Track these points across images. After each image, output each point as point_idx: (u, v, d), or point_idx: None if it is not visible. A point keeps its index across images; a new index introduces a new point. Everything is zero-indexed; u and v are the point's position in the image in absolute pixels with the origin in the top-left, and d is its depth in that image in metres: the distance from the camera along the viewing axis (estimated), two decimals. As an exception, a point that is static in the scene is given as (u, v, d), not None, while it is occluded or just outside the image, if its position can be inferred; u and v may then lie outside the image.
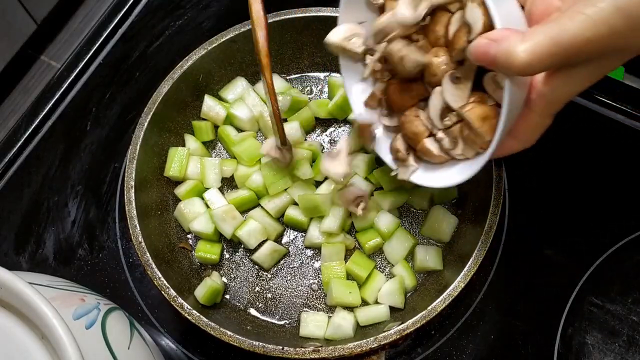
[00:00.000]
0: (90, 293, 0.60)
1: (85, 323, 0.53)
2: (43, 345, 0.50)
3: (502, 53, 0.49)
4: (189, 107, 0.85)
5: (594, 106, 0.88)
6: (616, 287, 0.78)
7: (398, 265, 0.78)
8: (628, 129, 0.87)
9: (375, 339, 0.68)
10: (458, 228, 0.79)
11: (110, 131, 0.91)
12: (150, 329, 0.79)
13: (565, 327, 0.77)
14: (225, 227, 0.78)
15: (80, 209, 0.86)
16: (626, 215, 0.82)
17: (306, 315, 0.76)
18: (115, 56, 0.95)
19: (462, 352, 0.77)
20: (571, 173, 0.85)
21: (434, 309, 0.69)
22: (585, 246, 0.81)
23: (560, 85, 0.52)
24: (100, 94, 0.93)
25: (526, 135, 0.57)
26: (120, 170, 0.88)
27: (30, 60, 2.10)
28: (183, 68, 0.81)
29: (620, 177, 0.84)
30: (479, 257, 0.70)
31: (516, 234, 0.82)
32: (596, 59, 0.49)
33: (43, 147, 0.90)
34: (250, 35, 0.83)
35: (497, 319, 0.78)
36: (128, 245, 0.84)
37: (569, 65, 0.50)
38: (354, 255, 0.78)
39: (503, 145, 0.57)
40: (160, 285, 0.71)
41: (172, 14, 0.98)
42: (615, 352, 0.75)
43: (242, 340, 0.68)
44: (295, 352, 0.68)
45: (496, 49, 0.49)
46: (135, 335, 0.58)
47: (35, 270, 0.82)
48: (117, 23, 0.97)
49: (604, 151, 0.86)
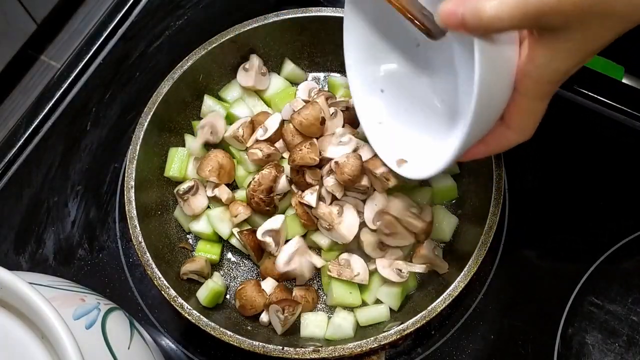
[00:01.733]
0: (90, 293, 0.60)
1: (85, 323, 0.53)
2: (43, 346, 0.50)
3: (470, 10, 0.48)
4: (189, 107, 0.85)
5: (594, 106, 0.88)
6: (616, 287, 0.78)
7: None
8: (628, 129, 0.87)
9: (375, 339, 0.68)
10: (458, 228, 0.79)
11: (110, 131, 0.91)
12: (150, 329, 0.79)
13: (565, 327, 0.77)
14: (222, 228, 0.78)
15: (80, 209, 0.86)
16: (626, 215, 0.82)
17: (306, 315, 0.76)
18: (116, 56, 0.95)
19: (462, 352, 0.77)
20: (571, 173, 0.85)
21: (434, 309, 0.69)
22: (585, 246, 0.81)
23: (545, 61, 0.50)
24: (100, 94, 0.93)
25: (520, 123, 0.55)
26: (120, 171, 0.88)
27: (30, 60, 2.10)
28: (183, 68, 0.81)
29: (620, 177, 0.84)
30: (479, 257, 0.70)
31: (516, 234, 0.82)
32: (577, 27, 0.47)
33: (43, 147, 0.90)
34: (250, 35, 0.83)
35: (497, 319, 0.78)
36: (128, 246, 0.84)
37: (547, 30, 0.48)
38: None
39: (500, 137, 0.56)
40: (160, 285, 0.71)
41: (172, 14, 0.98)
42: (615, 352, 0.75)
43: (242, 340, 0.68)
44: (296, 352, 0.68)
45: (464, 8, 0.48)
46: (135, 335, 0.58)
47: (35, 270, 0.82)
48: (117, 23, 0.97)
49: (604, 151, 0.86)
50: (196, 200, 0.78)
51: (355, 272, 0.74)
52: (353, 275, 0.74)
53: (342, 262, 0.75)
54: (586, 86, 0.88)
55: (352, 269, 0.74)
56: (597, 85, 0.88)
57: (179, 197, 0.79)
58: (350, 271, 0.74)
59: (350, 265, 0.74)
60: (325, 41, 0.86)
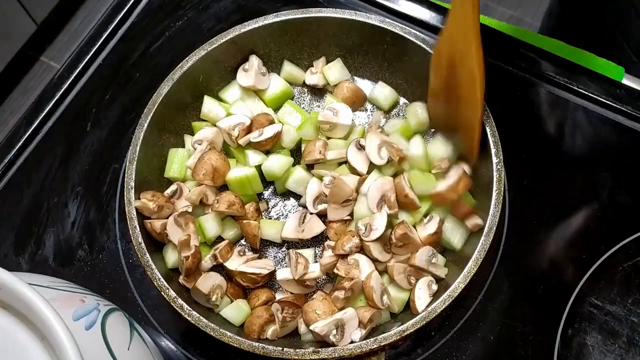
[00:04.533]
0: (90, 294, 0.60)
1: (85, 324, 0.53)
2: (43, 346, 0.50)
3: None
4: (189, 108, 0.85)
5: (594, 107, 0.88)
6: (616, 288, 0.78)
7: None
8: (628, 129, 0.87)
9: (375, 339, 0.68)
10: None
11: (110, 132, 0.91)
12: (150, 329, 0.79)
13: (565, 328, 0.77)
14: (210, 227, 0.79)
15: (80, 209, 0.86)
16: (626, 216, 0.82)
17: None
18: (115, 57, 0.95)
19: (462, 353, 0.77)
20: (571, 173, 0.85)
21: (434, 310, 0.69)
22: (585, 247, 0.81)
23: None
24: (100, 95, 0.93)
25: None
26: (120, 171, 0.88)
27: (30, 61, 2.10)
28: (183, 69, 0.81)
29: (620, 178, 0.84)
30: (479, 258, 0.70)
31: (516, 235, 0.82)
32: None
33: (43, 148, 0.90)
34: (250, 36, 0.83)
35: (497, 320, 0.78)
36: (128, 246, 0.84)
37: None
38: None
39: None
40: (160, 286, 0.71)
41: (172, 15, 0.98)
42: (615, 353, 0.75)
43: (242, 341, 0.68)
44: (295, 352, 0.67)
45: None
46: (135, 336, 0.58)
47: (35, 271, 0.82)
48: (117, 24, 0.97)
49: (604, 151, 0.86)
50: (182, 203, 0.79)
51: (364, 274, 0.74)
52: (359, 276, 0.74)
53: (351, 262, 0.74)
54: (586, 86, 0.88)
55: (360, 270, 0.74)
56: (597, 86, 0.88)
57: (168, 202, 0.79)
58: (358, 272, 0.74)
59: (358, 266, 0.74)
60: (325, 42, 0.86)
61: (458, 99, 0.75)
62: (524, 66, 0.90)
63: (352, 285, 0.72)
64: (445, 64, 0.74)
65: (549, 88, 0.89)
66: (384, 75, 0.88)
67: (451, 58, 0.73)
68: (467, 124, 0.74)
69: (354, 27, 0.83)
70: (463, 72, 0.71)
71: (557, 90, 0.89)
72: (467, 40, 0.68)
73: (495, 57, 0.90)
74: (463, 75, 0.72)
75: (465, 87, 0.72)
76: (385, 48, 0.84)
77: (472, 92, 0.71)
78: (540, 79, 0.89)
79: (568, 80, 0.89)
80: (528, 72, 0.90)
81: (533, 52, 0.91)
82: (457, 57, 0.72)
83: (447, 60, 0.74)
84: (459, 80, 0.73)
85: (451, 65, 0.73)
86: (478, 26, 0.68)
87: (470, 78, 0.71)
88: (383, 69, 0.87)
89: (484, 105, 0.73)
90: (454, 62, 0.72)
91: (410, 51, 0.81)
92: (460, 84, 0.73)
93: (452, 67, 0.73)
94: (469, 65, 0.70)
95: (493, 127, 0.75)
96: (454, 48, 0.71)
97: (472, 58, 0.69)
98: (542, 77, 0.89)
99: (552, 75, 0.89)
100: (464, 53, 0.70)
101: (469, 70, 0.70)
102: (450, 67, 0.73)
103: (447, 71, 0.74)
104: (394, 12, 0.94)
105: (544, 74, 0.89)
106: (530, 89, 0.89)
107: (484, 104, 0.73)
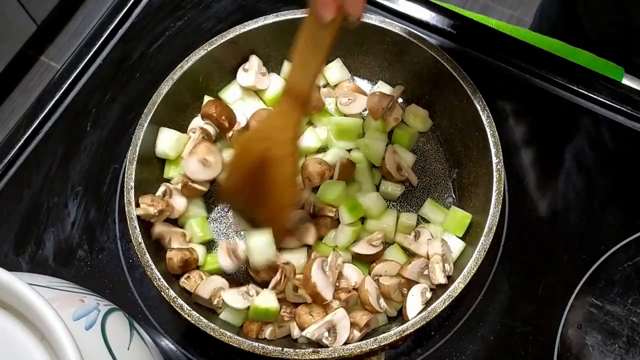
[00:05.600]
0: (90, 294, 0.60)
1: (85, 324, 0.53)
2: (43, 346, 0.50)
3: None
4: (189, 108, 0.85)
5: (593, 107, 0.88)
6: (616, 288, 0.78)
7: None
8: (628, 130, 0.87)
9: (375, 339, 0.68)
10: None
11: (111, 132, 0.91)
12: (150, 329, 0.79)
13: (565, 328, 0.77)
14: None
15: (80, 209, 0.86)
16: (626, 216, 0.82)
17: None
18: (116, 57, 0.95)
19: (462, 353, 0.77)
20: (571, 173, 0.85)
21: (433, 310, 0.69)
22: (585, 247, 0.81)
23: None
24: (100, 94, 0.93)
25: None
26: (120, 171, 0.88)
27: (30, 61, 2.11)
28: (183, 69, 0.81)
29: (620, 178, 0.84)
30: (479, 258, 0.70)
31: (516, 235, 0.82)
32: None
33: (43, 148, 0.90)
34: (250, 36, 0.83)
35: (497, 320, 0.78)
36: (128, 246, 0.84)
37: None
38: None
39: None
40: (160, 286, 0.71)
41: (172, 15, 0.98)
42: (615, 353, 0.75)
43: (242, 341, 0.68)
44: (295, 352, 0.67)
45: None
46: (135, 336, 0.58)
47: (35, 271, 0.82)
48: (117, 24, 0.97)
49: (604, 151, 0.86)
50: (175, 202, 0.79)
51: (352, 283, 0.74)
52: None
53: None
54: (586, 86, 0.88)
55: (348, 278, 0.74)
56: (597, 86, 0.88)
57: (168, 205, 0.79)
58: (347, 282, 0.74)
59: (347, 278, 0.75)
60: (325, 42, 0.86)
61: (264, 192, 0.71)
62: (524, 66, 0.90)
63: (347, 297, 0.72)
64: (253, 160, 0.71)
65: (549, 88, 0.89)
66: (384, 75, 0.88)
67: (262, 154, 0.70)
68: (275, 210, 0.72)
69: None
70: (277, 172, 0.69)
71: (557, 90, 0.89)
72: (286, 141, 0.68)
73: (495, 57, 0.90)
74: (277, 174, 0.70)
75: (277, 184, 0.70)
76: (385, 48, 0.84)
77: (284, 189, 0.70)
78: (540, 79, 0.89)
79: (568, 80, 0.89)
80: (528, 72, 0.90)
81: (533, 52, 0.91)
82: (270, 154, 0.69)
83: (256, 156, 0.71)
84: (268, 176, 0.70)
85: (260, 161, 0.70)
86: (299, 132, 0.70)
87: (284, 178, 0.70)
88: (383, 69, 0.87)
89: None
90: (264, 158, 0.70)
91: (410, 51, 0.81)
92: (269, 180, 0.70)
93: (261, 164, 0.70)
94: (285, 167, 0.69)
95: (493, 127, 0.75)
96: (269, 144, 0.69)
97: (289, 163, 0.69)
98: (542, 77, 0.89)
99: (552, 76, 0.89)
100: (280, 153, 0.69)
101: (284, 171, 0.69)
102: (258, 163, 0.70)
103: (252, 167, 0.71)
104: (394, 12, 0.94)
105: (544, 74, 0.89)
106: (530, 89, 0.89)
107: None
